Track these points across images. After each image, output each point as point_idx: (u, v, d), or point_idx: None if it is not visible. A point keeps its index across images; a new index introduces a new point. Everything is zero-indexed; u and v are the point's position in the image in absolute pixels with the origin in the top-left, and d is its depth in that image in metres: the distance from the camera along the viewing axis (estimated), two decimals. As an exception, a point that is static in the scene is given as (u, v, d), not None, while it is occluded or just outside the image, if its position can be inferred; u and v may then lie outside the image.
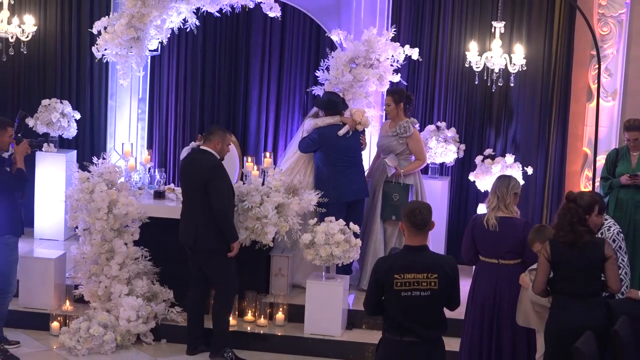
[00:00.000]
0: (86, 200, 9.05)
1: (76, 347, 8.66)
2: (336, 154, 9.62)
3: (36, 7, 11.21)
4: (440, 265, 6.30)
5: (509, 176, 8.01)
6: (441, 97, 11.02)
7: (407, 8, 10.90)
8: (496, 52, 9.90)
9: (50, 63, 11.37)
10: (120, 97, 10.96)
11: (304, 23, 11.11)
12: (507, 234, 7.60)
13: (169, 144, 11.59)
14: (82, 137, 11.29)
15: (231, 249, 8.55)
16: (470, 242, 7.77)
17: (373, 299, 6.40)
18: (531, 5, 10.72)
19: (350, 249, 8.89)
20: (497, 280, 7.59)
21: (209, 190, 8.42)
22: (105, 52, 10.04)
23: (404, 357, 6.29)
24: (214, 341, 8.64)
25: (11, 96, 11.41)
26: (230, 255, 8.56)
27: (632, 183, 9.44)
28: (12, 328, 8.82)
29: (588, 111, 10.72)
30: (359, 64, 10.08)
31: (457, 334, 7.79)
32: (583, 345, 6.62)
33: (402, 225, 6.35)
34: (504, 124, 10.90)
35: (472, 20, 10.80)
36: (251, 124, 11.42)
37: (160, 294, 9.16)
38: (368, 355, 8.52)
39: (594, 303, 6.95)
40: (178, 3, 10.01)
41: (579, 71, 10.74)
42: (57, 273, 9.33)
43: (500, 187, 7.71)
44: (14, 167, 8.47)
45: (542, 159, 10.77)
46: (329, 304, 8.95)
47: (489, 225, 7.60)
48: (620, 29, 10.60)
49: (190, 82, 11.50)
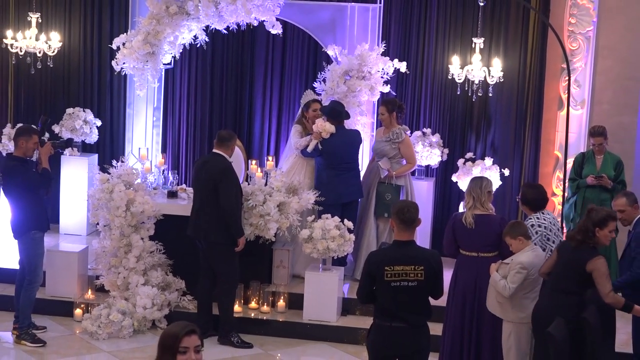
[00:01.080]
0: (106, 199, 9.05)
1: (97, 332, 8.66)
2: (336, 159, 9.61)
3: (61, 25, 11.19)
4: (426, 258, 6.31)
5: (481, 177, 8.00)
6: (427, 106, 11.00)
7: (396, 26, 10.90)
8: (476, 66, 9.90)
9: (74, 75, 11.36)
10: (137, 105, 10.95)
11: (303, 39, 11.10)
12: (485, 229, 7.59)
13: (181, 148, 11.57)
14: (102, 142, 11.27)
15: (237, 244, 8.55)
16: (451, 238, 7.73)
17: (365, 289, 6.41)
18: (508, 23, 10.72)
19: (344, 243, 8.89)
20: (477, 271, 7.57)
21: (219, 190, 8.42)
22: (124, 65, 10.04)
23: (393, 341, 6.30)
24: (221, 327, 8.65)
25: (39, 105, 11.40)
26: (236, 250, 8.55)
27: (597, 183, 9.44)
28: (39, 314, 8.81)
29: (559, 119, 10.71)
30: (353, 76, 10.08)
31: (441, 320, 7.78)
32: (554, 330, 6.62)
33: (392, 222, 6.36)
34: (483, 130, 10.89)
35: (454, 36, 10.79)
36: (255, 130, 11.41)
37: (173, 283, 9.16)
38: (360, 339, 8.51)
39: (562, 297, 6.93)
40: (189, 21, 10.02)
41: (551, 82, 10.73)
42: (80, 265, 9.32)
43: (474, 188, 7.69)
44: (40, 167, 8.47)
45: (517, 162, 10.76)
46: (326, 292, 8.94)
47: (467, 223, 7.59)
48: (588, 45, 10.59)
49: (200, 92, 11.49)
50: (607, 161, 9.53)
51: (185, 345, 4.21)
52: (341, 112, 9.69)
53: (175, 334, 4.22)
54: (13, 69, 11.24)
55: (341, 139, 9.64)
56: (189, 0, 9.88)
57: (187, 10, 9.93)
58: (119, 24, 11.09)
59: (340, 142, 9.63)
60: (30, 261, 8.43)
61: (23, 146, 8.33)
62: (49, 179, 8.54)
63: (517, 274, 7.10)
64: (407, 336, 6.28)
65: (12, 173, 8.32)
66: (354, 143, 9.78)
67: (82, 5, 11.24)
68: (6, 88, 11.44)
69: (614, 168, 9.49)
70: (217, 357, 8.32)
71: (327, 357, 8.62)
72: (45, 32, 10.56)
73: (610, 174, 9.44)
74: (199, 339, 4.26)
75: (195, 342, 4.23)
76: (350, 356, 8.59)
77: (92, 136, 11.01)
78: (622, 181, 9.46)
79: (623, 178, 9.49)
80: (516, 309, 7.22)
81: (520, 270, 7.10)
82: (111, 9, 11.21)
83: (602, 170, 9.47)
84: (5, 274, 9.47)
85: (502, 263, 7.27)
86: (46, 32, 10.59)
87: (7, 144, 10.64)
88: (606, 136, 9.55)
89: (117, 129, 11.35)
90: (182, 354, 4.21)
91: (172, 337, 4.22)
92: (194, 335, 4.24)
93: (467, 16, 10.69)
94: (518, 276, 7.10)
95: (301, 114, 10.06)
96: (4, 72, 11.40)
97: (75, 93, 11.34)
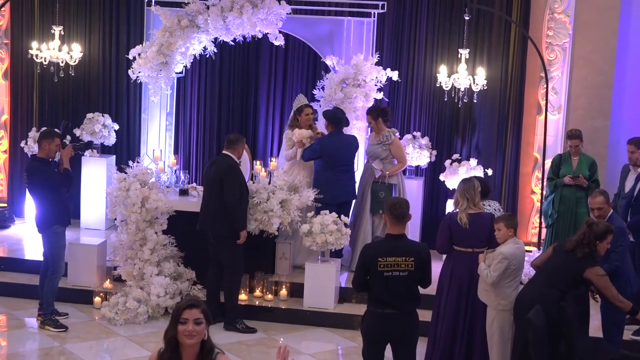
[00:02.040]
0: (123, 197, 9.03)
1: (115, 318, 8.65)
2: (334, 162, 9.57)
3: (82, 37, 11.16)
4: (416, 251, 6.30)
5: (471, 179, 7.77)
6: (417, 111, 10.98)
7: (388, 38, 10.88)
8: (462, 74, 9.87)
9: (94, 83, 11.33)
10: (151, 111, 10.92)
11: (303, 50, 11.08)
12: (479, 227, 7.45)
13: (192, 150, 11.55)
14: (120, 144, 11.25)
15: (240, 237, 8.52)
16: (447, 237, 7.53)
17: (360, 278, 6.40)
18: (491, 36, 10.69)
19: (341, 236, 8.87)
20: (473, 266, 7.43)
21: (223, 186, 8.39)
22: (139, 74, 10.03)
23: (385, 326, 6.29)
24: (227, 314, 8.63)
25: (61, 110, 11.37)
26: (238, 242, 8.53)
27: (573, 183, 9.42)
28: (61, 302, 8.79)
29: (538, 123, 10.70)
30: (349, 84, 10.06)
31: (429, 307, 7.75)
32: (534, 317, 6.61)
33: (385, 217, 6.34)
34: (469, 133, 10.87)
35: (442, 48, 10.77)
36: (260, 133, 11.39)
37: (184, 274, 9.14)
38: (356, 324, 8.48)
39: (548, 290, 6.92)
40: (199, 34, 10.00)
41: (530, 90, 10.71)
42: (99, 257, 9.30)
43: (468, 190, 7.49)
44: (61, 167, 8.45)
45: (499, 162, 10.74)
46: (324, 282, 8.93)
47: (462, 223, 7.45)
48: (564, 55, 10.57)
49: (209, 98, 11.46)
50: (583, 162, 9.51)
51: (185, 317, 4.30)
52: (342, 119, 9.66)
53: (178, 306, 4.35)
54: (38, 77, 11.21)
55: (340, 143, 9.61)
56: (199, 15, 9.87)
57: (197, 24, 9.91)
58: (135, 36, 11.06)
59: (339, 145, 9.60)
60: (53, 253, 8.41)
61: (46, 148, 8.31)
62: (70, 178, 8.52)
63: (499, 264, 7.07)
64: (397, 322, 6.27)
65: (36, 173, 8.29)
66: (351, 147, 9.76)
67: (101, 19, 11.22)
68: (31, 95, 11.42)
69: (589, 168, 9.47)
70: (225, 342, 8.30)
71: (325, 341, 8.60)
72: (67, 44, 10.54)
73: (585, 173, 9.42)
74: (200, 312, 4.32)
75: (195, 315, 4.31)
76: (346, 340, 8.57)
77: (110, 139, 10.99)
78: (595, 180, 9.45)
79: (597, 177, 9.49)
80: (499, 297, 7.19)
81: (502, 260, 7.08)
82: (128, 22, 11.19)
83: (577, 171, 9.45)
84: (31, 265, 9.46)
85: (488, 252, 7.24)
86: (68, 43, 10.57)
87: (32, 146, 10.63)
88: (582, 139, 9.53)
89: (133, 132, 11.33)
90: (182, 324, 4.31)
91: (176, 309, 4.35)
92: (195, 309, 4.31)
93: (453, 29, 10.66)
94: (499, 265, 7.07)
95: (293, 118, 9.95)
96: (30, 80, 11.38)
97: (94, 99, 11.32)
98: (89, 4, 11.21)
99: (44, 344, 8.16)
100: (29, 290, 9.09)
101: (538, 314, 6.64)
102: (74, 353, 7.94)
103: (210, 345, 4.35)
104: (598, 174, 9.51)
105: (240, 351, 8.15)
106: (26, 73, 11.35)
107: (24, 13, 11.27)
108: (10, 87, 11.46)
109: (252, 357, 8.02)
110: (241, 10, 9.78)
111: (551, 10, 10.56)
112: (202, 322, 4.31)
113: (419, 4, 10.81)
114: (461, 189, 7.57)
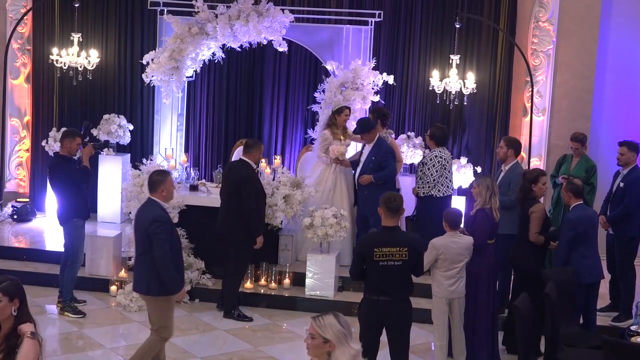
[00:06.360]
0: (137, 192, 9.06)
1: (129, 305, 8.67)
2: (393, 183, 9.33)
3: (99, 44, 11.19)
4: (409, 242, 6.33)
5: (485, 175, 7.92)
6: (411, 113, 11.01)
7: (385, 45, 10.91)
8: (453, 78, 9.91)
9: (110, 86, 11.36)
10: (163, 112, 10.95)
11: (305, 56, 11.10)
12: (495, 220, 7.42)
13: (201, 149, 11.58)
14: (134, 143, 11.27)
15: (256, 242, 8.47)
16: (489, 231, 7.33)
17: (357, 268, 6.42)
18: (480, 43, 10.73)
19: (340, 229, 8.89)
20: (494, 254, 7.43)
21: (242, 194, 8.33)
22: (152, 78, 10.06)
23: (380, 312, 6.32)
24: (225, 303, 8.63)
25: (80, 112, 11.39)
26: (255, 247, 8.46)
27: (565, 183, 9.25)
28: (80, 290, 8.83)
29: (523, 124, 10.73)
30: (348, 87, 10.07)
31: (423, 295, 7.76)
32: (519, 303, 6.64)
33: (380, 210, 6.37)
34: (459, 134, 10.90)
35: (434, 53, 10.80)
36: (264, 133, 11.41)
37: (195, 264, 9.15)
38: (354, 311, 8.49)
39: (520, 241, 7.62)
40: (208, 40, 10.02)
41: (517, 93, 10.74)
42: (115, 248, 9.33)
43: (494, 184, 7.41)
44: (81, 165, 8.48)
45: (488, 161, 10.77)
46: (324, 271, 8.96)
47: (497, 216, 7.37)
48: (548, 61, 10.60)
49: (217, 101, 11.49)
50: (581, 164, 9.13)
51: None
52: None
53: None
54: (58, 81, 11.24)
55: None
56: (209, 23, 9.89)
57: (206, 31, 9.94)
58: (148, 42, 11.08)
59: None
60: (72, 245, 8.44)
61: (68, 146, 8.33)
62: (89, 175, 8.55)
63: (428, 254, 6.99)
64: (392, 308, 6.29)
65: (58, 169, 8.33)
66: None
67: (117, 27, 11.25)
68: (52, 97, 11.44)
69: (585, 171, 9.08)
70: (232, 327, 8.34)
71: (325, 326, 8.60)
72: (86, 50, 10.57)
73: (581, 175, 9.13)
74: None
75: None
76: (345, 326, 8.59)
77: (126, 138, 11.02)
78: (591, 183, 9.07)
79: (593, 181, 9.09)
80: (434, 284, 7.18)
81: (431, 250, 7.04)
82: (142, 30, 11.22)
83: (573, 172, 9.03)
84: (52, 256, 9.49)
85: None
86: (86, 49, 10.61)
87: (52, 145, 10.66)
88: (583, 143, 9.20)
89: (146, 132, 11.35)
90: None
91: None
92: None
93: (445, 36, 10.69)
94: (428, 255, 6.97)
95: (332, 118, 9.69)
96: (50, 84, 11.41)
97: (111, 102, 11.34)
98: (106, 13, 11.24)
99: (63, 329, 8.20)
100: (49, 279, 9.12)
101: (524, 301, 6.68)
102: (92, 337, 7.97)
103: (19, 325, 4.39)
104: (596, 179, 9.12)
105: (246, 335, 8.18)
106: (47, 77, 11.38)
107: (45, 21, 11.31)
108: (32, 90, 11.50)
109: (257, 342, 8.05)
110: (247, 18, 9.80)
111: (536, 19, 10.59)
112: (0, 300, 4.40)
113: (413, 13, 10.85)
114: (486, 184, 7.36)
